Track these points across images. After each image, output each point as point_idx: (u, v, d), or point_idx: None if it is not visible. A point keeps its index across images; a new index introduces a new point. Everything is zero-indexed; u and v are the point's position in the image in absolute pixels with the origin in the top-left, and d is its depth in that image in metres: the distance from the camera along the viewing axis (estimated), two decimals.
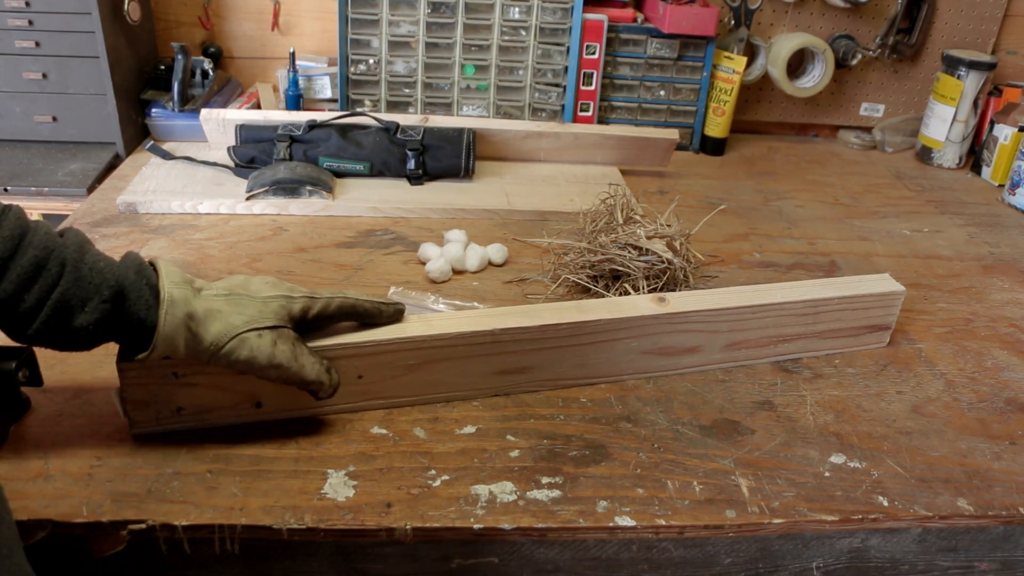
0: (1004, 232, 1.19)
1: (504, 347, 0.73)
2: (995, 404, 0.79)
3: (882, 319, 0.86)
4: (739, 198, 1.23)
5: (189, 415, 0.67)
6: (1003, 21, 1.45)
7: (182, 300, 0.59)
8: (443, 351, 0.71)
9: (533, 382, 0.76)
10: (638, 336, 0.76)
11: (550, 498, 0.63)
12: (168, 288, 0.59)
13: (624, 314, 0.75)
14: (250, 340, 0.60)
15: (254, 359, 0.61)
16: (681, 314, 0.76)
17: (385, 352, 0.70)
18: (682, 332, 0.77)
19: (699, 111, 1.38)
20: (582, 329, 0.74)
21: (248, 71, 1.42)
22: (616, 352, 0.77)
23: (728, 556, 0.65)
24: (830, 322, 0.83)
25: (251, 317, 0.61)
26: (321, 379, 0.64)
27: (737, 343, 0.81)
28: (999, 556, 0.69)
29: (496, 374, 0.74)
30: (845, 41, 1.41)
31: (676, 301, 0.77)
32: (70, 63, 1.15)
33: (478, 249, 0.96)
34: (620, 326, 0.75)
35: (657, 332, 0.76)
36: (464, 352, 0.72)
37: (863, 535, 0.66)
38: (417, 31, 1.29)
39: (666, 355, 0.79)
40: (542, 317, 0.73)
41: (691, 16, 1.27)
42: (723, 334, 0.79)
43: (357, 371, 0.70)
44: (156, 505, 0.59)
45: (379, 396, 0.72)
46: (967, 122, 1.40)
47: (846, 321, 0.84)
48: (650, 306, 0.76)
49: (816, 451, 0.70)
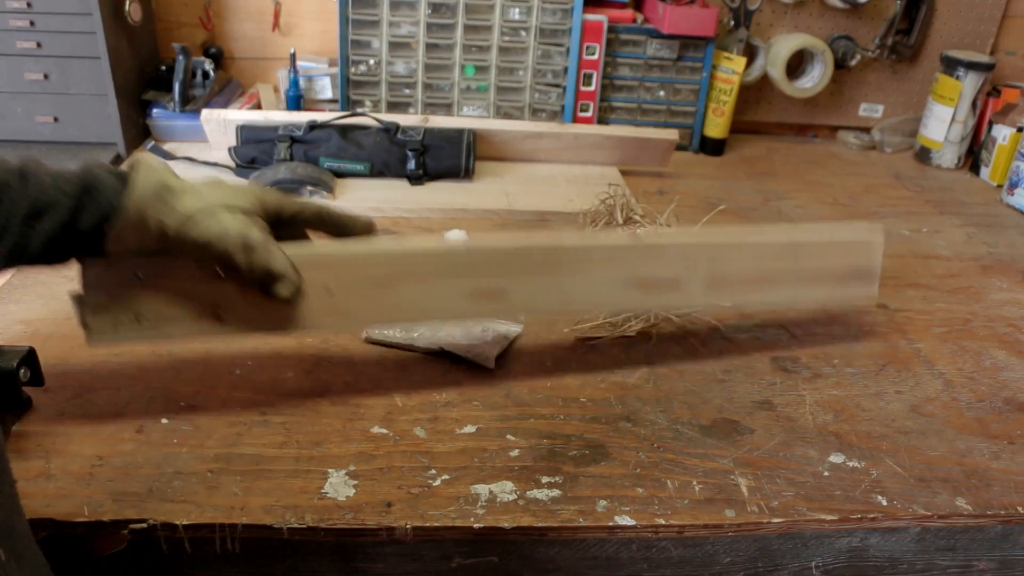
0: (1003, 232, 1.19)
1: (477, 268, 0.71)
2: (994, 404, 0.79)
3: (865, 262, 0.85)
4: (739, 198, 1.23)
5: (149, 324, 0.64)
6: (1002, 22, 1.45)
7: (159, 170, 0.58)
8: (415, 268, 0.69)
9: (509, 309, 0.74)
10: (615, 266, 0.75)
11: (550, 497, 0.63)
12: (145, 160, 0.59)
13: (600, 243, 0.75)
14: (222, 215, 0.59)
15: (225, 234, 0.59)
16: (659, 247, 0.76)
17: (355, 265, 0.67)
18: (661, 265, 0.76)
19: (699, 112, 1.38)
20: (557, 254, 0.72)
21: (249, 72, 1.42)
22: (594, 281, 0.75)
23: (727, 555, 0.65)
24: (812, 261, 0.82)
25: (225, 197, 0.60)
26: (287, 271, 0.62)
27: (719, 280, 0.79)
28: (997, 555, 0.69)
29: (469, 297, 0.71)
30: (844, 42, 1.41)
31: (651, 236, 0.77)
32: (71, 64, 1.15)
33: None
34: (596, 254, 0.74)
35: (635, 263, 0.76)
36: (436, 271, 0.70)
37: (862, 534, 0.66)
38: (417, 32, 1.29)
39: (645, 288, 0.77)
40: (516, 240, 0.73)
41: (691, 17, 1.27)
42: (702, 270, 0.78)
43: (326, 284, 0.67)
44: (157, 504, 0.59)
45: (348, 314, 0.69)
46: (966, 123, 1.40)
47: (828, 261, 0.83)
48: (627, 238, 0.76)
49: (815, 450, 0.70)
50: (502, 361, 0.79)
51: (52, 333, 0.79)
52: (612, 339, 0.84)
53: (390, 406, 0.72)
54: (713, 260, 0.78)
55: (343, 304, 0.68)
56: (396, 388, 0.74)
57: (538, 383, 0.77)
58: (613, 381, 0.78)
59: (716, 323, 0.88)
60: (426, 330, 0.80)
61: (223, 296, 0.65)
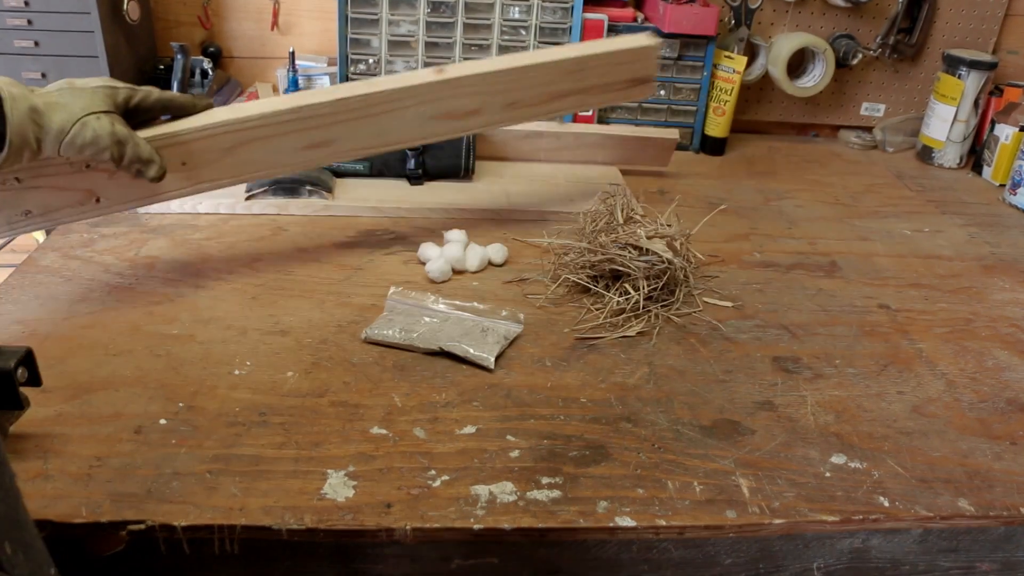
0: (1005, 232, 1.19)
1: (306, 123, 0.82)
2: (996, 404, 0.79)
3: (643, 72, 0.96)
4: (739, 198, 1.23)
5: (38, 216, 0.76)
6: (1004, 21, 1.45)
7: (21, 96, 0.65)
8: (253, 132, 0.80)
9: (336, 153, 0.85)
10: (423, 103, 0.85)
11: (550, 498, 0.63)
12: (6, 88, 0.65)
13: (408, 83, 0.84)
14: (91, 123, 0.68)
15: (99, 138, 0.69)
16: (459, 79, 0.85)
17: (202, 138, 0.78)
18: (462, 96, 0.87)
19: (699, 111, 1.38)
20: (372, 100, 0.83)
21: (248, 71, 1.41)
22: (407, 119, 0.86)
23: (728, 556, 0.65)
24: (595, 78, 0.92)
25: (87, 104, 0.69)
26: (153, 156, 0.74)
27: (514, 103, 0.90)
28: (1000, 557, 0.69)
29: (304, 149, 0.83)
30: (846, 41, 1.41)
31: (451, 69, 0.86)
32: (69, 63, 1.15)
33: (478, 249, 0.96)
34: (406, 95, 0.84)
35: (440, 98, 0.86)
36: (271, 131, 0.81)
37: (864, 535, 0.65)
38: (417, 31, 1.29)
39: (451, 118, 0.88)
40: (336, 92, 0.82)
41: (691, 16, 1.26)
42: (500, 95, 0.88)
43: (180, 158, 0.78)
44: (155, 505, 0.59)
45: (204, 180, 0.81)
46: (968, 122, 1.40)
47: (611, 76, 0.93)
48: (431, 75, 0.85)
49: (817, 451, 0.70)
50: (502, 361, 0.79)
51: (50, 333, 0.79)
52: (612, 339, 0.84)
53: (390, 406, 0.72)
54: (508, 85, 0.88)
55: (198, 172, 0.81)
56: (396, 388, 0.74)
57: (538, 383, 0.76)
58: (613, 381, 0.77)
59: (717, 323, 0.88)
60: (426, 331, 0.80)
61: (96, 182, 0.77)
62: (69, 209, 0.77)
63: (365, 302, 0.87)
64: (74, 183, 0.76)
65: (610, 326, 0.85)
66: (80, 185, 0.76)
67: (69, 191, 0.76)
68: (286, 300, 0.87)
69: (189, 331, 0.80)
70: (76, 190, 0.76)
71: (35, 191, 0.75)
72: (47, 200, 0.76)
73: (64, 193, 0.76)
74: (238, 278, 0.91)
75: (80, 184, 0.76)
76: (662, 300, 0.89)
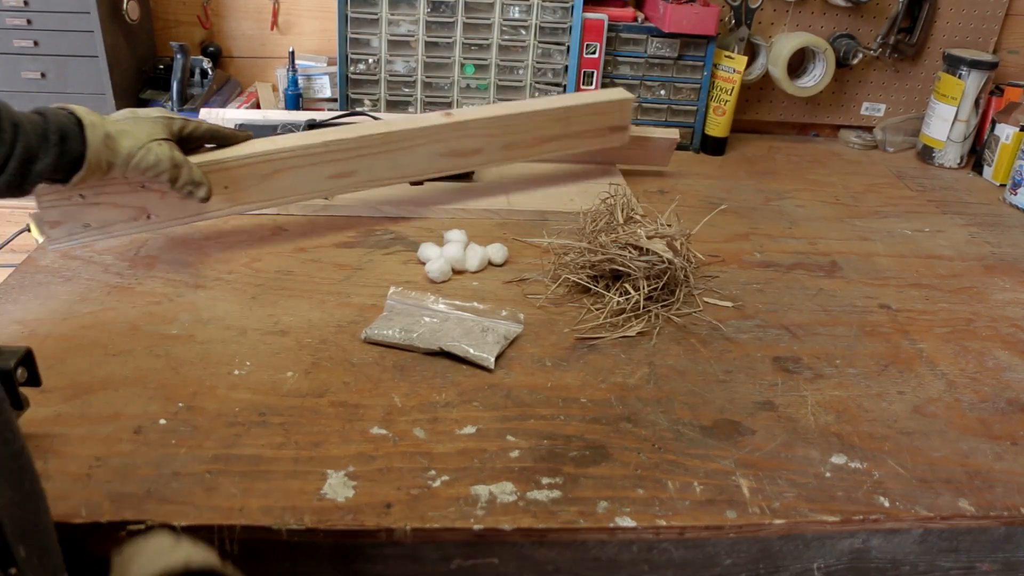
0: (1006, 232, 1.18)
1: (333, 156, 0.94)
2: (997, 404, 0.78)
3: (619, 121, 1.13)
4: (740, 198, 1.23)
5: (95, 229, 0.86)
6: (1004, 20, 1.45)
7: (99, 124, 0.75)
8: (287, 161, 0.92)
9: (357, 183, 0.98)
10: (433, 142, 0.99)
11: (550, 498, 0.63)
12: (86, 116, 0.75)
13: (421, 124, 0.98)
14: (154, 148, 0.79)
15: (160, 162, 0.79)
16: (464, 123, 1.00)
17: (243, 165, 0.90)
18: (467, 137, 1.01)
19: (699, 110, 1.38)
20: (390, 138, 0.97)
21: (247, 70, 1.41)
22: (418, 155, 0.99)
23: (729, 557, 0.65)
24: (579, 125, 1.09)
25: (150, 131, 0.79)
26: (204, 180, 0.84)
27: (511, 144, 1.05)
28: (1000, 557, 0.69)
29: (330, 178, 0.96)
30: (846, 40, 1.41)
31: (458, 114, 1.01)
32: (69, 62, 1.15)
33: (478, 249, 0.96)
34: (419, 134, 0.98)
35: (448, 138, 1.00)
36: (303, 162, 0.93)
37: (864, 536, 0.65)
38: (417, 30, 1.29)
39: (456, 156, 1.02)
40: (360, 131, 0.96)
41: (691, 15, 1.26)
42: (499, 137, 1.03)
43: (224, 183, 0.89)
44: (155, 506, 0.59)
45: (243, 202, 0.92)
46: (968, 122, 1.39)
47: (592, 123, 1.10)
48: (440, 118, 0.99)
49: (817, 451, 0.70)
50: (502, 361, 0.79)
51: (49, 333, 0.78)
52: (612, 339, 0.84)
53: (389, 407, 0.72)
54: (506, 129, 1.03)
55: (239, 195, 0.92)
56: (396, 388, 0.74)
57: (538, 383, 0.76)
58: (613, 381, 0.77)
59: (717, 323, 0.88)
60: (426, 331, 0.80)
61: (149, 201, 0.87)
62: (123, 224, 0.87)
63: (365, 302, 0.87)
64: (130, 201, 0.86)
65: (610, 326, 0.85)
66: (135, 203, 0.86)
67: (125, 208, 0.86)
68: (286, 300, 0.87)
69: (189, 331, 0.80)
70: (131, 207, 0.86)
71: (95, 207, 0.85)
72: (105, 215, 0.86)
73: (120, 209, 0.86)
74: (238, 278, 0.90)
75: (135, 202, 0.86)
76: (662, 300, 0.89)
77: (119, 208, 0.86)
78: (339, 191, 0.98)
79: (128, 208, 0.86)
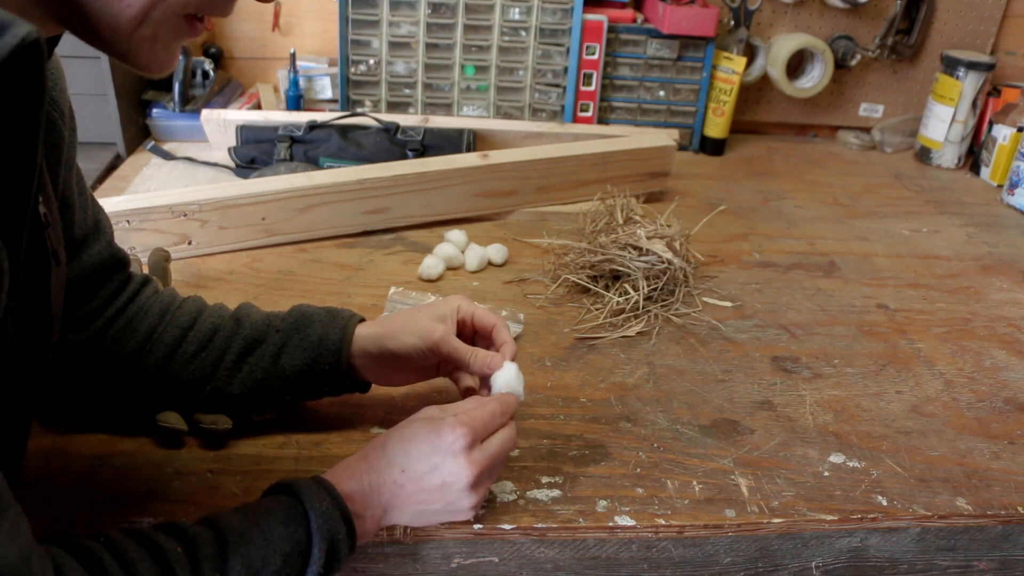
0: (1003, 232, 1.19)
1: (368, 192, 0.97)
2: (994, 404, 0.79)
3: (659, 167, 1.12)
4: (739, 198, 1.23)
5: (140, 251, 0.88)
6: (1002, 22, 1.45)
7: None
8: (323, 196, 0.95)
9: (391, 219, 1.00)
10: (468, 182, 1.01)
11: (550, 498, 0.63)
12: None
13: (456, 165, 1.00)
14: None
15: None
16: (500, 165, 1.01)
17: (280, 199, 0.94)
18: (501, 179, 1.03)
19: (699, 111, 1.38)
20: (425, 177, 0.99)
21: (249, 72, 1.42)
22: (452, 195, 1.01)
23: (727, 555, 0.65)
24: (617, 170, 1.07)
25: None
26: None
27: (545, 187, 1.05)
28: (997, 555, 0.69)
29: (364, 213, 0.99)
30: (844, 41, 1.41)
31: (494, 156, 1.02)
32: (71, 63, 1.14)
33: (478, 249, 0.96)
34: (454, 175, 1.00)
35: (482, 179, 1.02)
36: (339, 197, 0.96)
37: (862, 534, 0.66)
38: (417, 32, 1.29)
39: (490, 196, 1.03)
40: (395, 169, 0.98)
41: (690, 17, 1.27)
42: (534, 180, 1.04)
43: (261, 214, 0.94)
44: (157, 505, 0.59)
45: (278, 233, 0.96)
46: (966, 122, 1.40)
47: (631, 169, 1.09)
48: (476, 159, 1.01)
49: (815, 451, 0.70)
50: None
51: None
52: (612, 339, 0.84)
53: (390, 406, 0.72)
54: (541, 172, 1.04)
55: (276, 227, 0.95)
56: (395, 388, 0.74)
57: (538, 383, 0.76)
58: (613, 381, 0.78)
59: (716, 323, 0.88)
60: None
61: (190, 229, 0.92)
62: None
63: (366, 302, 0.87)
64: (172, 227, 0.91)
65: (610, 326, 0.85)
66: (177, 230, 0.91)
67: (167, 234, 0.91)
68: (287, 300, 0.87)
69: None
70: (173, 233, 0.91)
71: (139, 232, 0.89)
72: (148, 240, 0.90)
73: (163, 235, 0.90)
74: (239, 278, 0.91)
75: (177, 229, 0.91)
76: (662, 300, 0.89)
77: (162, 234, 0.90)
78: (372, 226, 1.00)
79: (170, 234, 0.91)
